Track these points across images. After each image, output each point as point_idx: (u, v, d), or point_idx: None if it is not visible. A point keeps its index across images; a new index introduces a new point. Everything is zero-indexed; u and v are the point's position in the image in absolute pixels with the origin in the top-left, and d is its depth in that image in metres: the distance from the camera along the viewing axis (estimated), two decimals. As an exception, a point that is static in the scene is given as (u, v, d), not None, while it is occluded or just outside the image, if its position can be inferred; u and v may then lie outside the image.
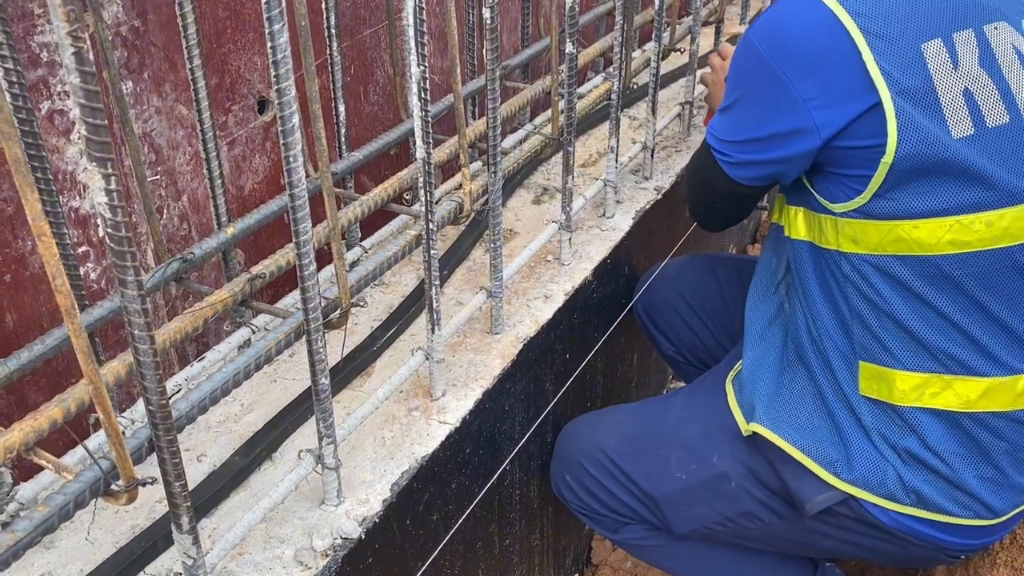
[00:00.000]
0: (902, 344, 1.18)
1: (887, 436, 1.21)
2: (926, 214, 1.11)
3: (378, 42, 1.65)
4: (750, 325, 1.39)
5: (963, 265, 1.12)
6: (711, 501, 1.36)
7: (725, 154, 1.28)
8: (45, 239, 0.68)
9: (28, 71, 1.05)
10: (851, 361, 1.23)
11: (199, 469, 1.16)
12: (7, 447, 0.86)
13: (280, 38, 0.83)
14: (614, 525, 1.49)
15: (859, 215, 1.15)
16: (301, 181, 0.90)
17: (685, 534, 1.40)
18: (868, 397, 1.22)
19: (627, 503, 1.43)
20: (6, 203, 1.08)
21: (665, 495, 1.39)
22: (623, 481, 1.43)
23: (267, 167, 1.48)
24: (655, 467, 1.40)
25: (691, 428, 1.41)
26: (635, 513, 1.44)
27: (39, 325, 1.16)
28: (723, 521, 1.36)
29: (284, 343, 1.08)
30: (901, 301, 1.16)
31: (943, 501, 1.20)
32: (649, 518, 1.43)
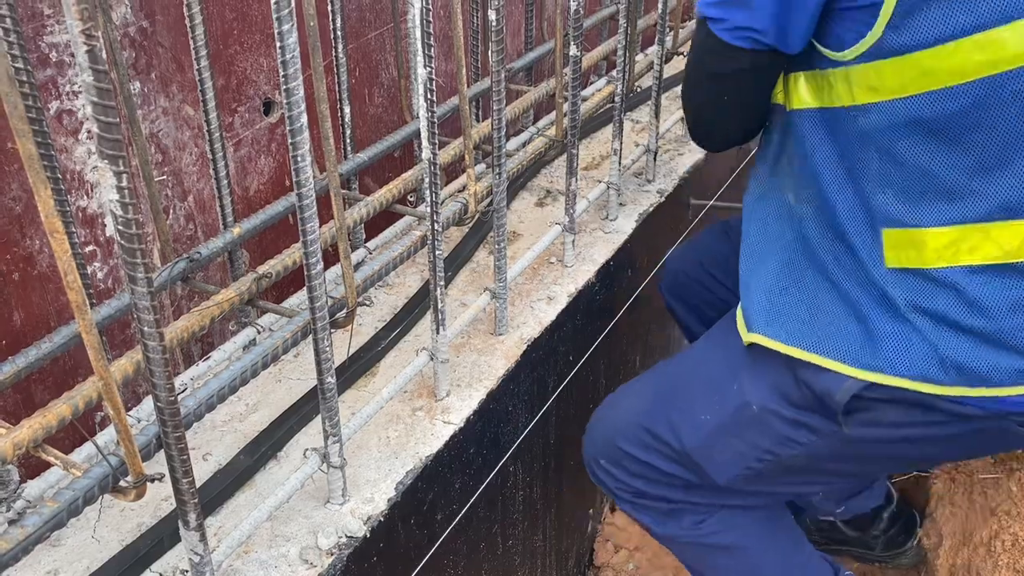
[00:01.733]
0: (932, 198, 1.07)
1: (919, 304, 1.10)
2: (949, 36, 0.98)
3: (383, 44, 1.66)
4: (745, 233, 1.30)
5: (998, 88, 0.99)
6: (742, 434, 1.26)
7: (721, 20, 1.13)
8: (58, 236, 0.69)
9: (38, 71, 1.05)
10: (873, 233, 1.12)
11: (205, 468, 1.17)
12: (16, 443, 0.87)
13: (289, 38, 0.83)
14: (661, 511, 1.40)
15: (873, 56, 1.04)
16: (309, 181, 0.91)
17: (729, 484, 1.31)
18: (896, 269, 1.11)
19: (666, 470, 1.34)
20: (15, 202, 1.08)
21: (696, 444, 1.30)
22: (657, 446, 1.34)
23: (272, 168, 1.49)
24: (683, 417, 1.32)
25: (710, 365, 1.33)
26: (677, 480, 1.35)
27: (46, 323, 1.17)
28: (761, 456, 1.26)
29: (291, 342, 1.09)
30: (930, 146, 1.05)
31: (988, 370, 1.08)
32: (691, 479, 1.34)
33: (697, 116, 1.30)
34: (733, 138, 1.32)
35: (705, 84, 1.24)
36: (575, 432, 1.73)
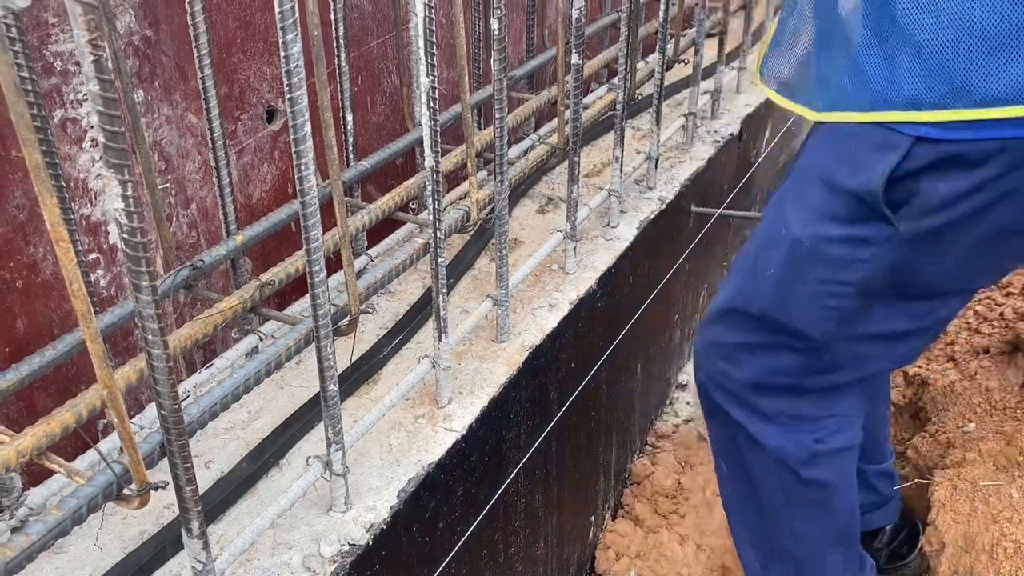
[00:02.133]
0: None
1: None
2: None
3: (385, 53, 1.66)
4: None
5: None
6: (804, 275, 1.23)
7: None
8: (63, 244, 0.69)
9: (42, 79, 1.06)
10: None
11: (207, 475, 1.17)
12: (20, 451, 0.87)
13: (293, 47, 0.84)
14: (783, 414, 1.37)
15: None
16: (313, 189, 0.91)
17: (824, 336, 1.26)
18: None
19: (764, 342, 1.31)
20: (18, 210, 1.09)
21: (769, 303, 1.28)
22: (747, 323, 1.32)
23: (275, 175, 1.49)
24: (753, 283, 1.30)
25: (766, 224, 1.31)
26: (781, 353, 1.31)
27: (49, 330, 1.17)
28: (833, 289, 1.21)
29: (294, 350, 1.09)
30: None
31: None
32: (788, 343, 1.30)
33: None
34: None
35: None
36: (576, 439, 1.73)
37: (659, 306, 2.07)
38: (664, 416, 2.34)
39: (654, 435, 2.26)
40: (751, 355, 1.35)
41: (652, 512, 2.05)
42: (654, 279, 1.99)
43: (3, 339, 1.11)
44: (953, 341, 2.03)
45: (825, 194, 1.18)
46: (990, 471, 1.65)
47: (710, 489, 2.11)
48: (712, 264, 2.52)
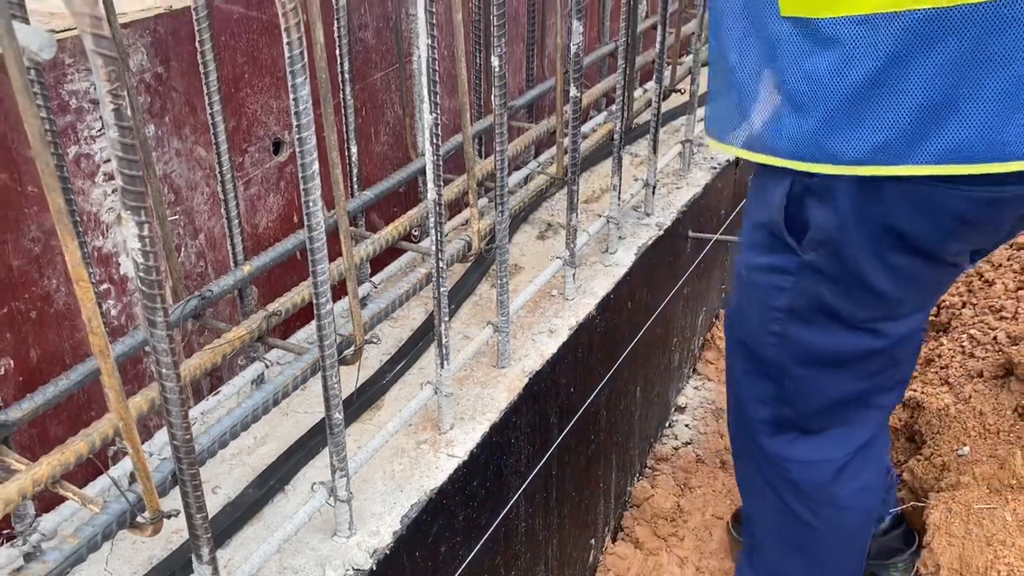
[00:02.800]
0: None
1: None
2: None
3: (388, 84, 1.70)
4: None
5: None
6: (750, 300, 1.39)
7: None
8: (83, 284, 0.72)
9: (58, 117, 1.09)
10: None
11: (214, 501, 1.20)
12: (36, 480, 0.90)
13: (303, 90, 0.87)
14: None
15: None
16: (320, 224, 0.94)
17: (777, 361, 1.39)
18: (789, 18, 1.12)
19: (751, 369, 1.44)
20: (33, 243, 1.12)
21: (739, 332, 1.43)
22: (738, 352, 1.47)
23: (281, 206, 1.53)
24: (729, 311, 1.46)
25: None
26: (758, 374, 1.44)
27: (61, 360, 1.20)
28: (773, 316, 1.35)
29: (300, 379, 1.12)
30: None
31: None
32: (764, 371, 1.43)
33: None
34: None
35: None
36: (576, 463, 1.75)
37: (658, 330, 2.10)
38: (663, 439, 2.37)
39: (653, 458, 2.29)
40: (747, 381, 1.44)
41: (652, 535, 2.07)
42: (652, 304, 2.02)
43: (18, 368, 1.14)
44: (948, 365, 2.06)
45: (750, 227, 1.34)
46: (984, 494, 1.67)
47: (709, 511, 2.13)
48: (710, 288, 2.55)
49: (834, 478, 1.48)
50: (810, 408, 1.44)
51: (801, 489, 1.50)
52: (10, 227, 1.09)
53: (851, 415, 1.44)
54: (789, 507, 1.51)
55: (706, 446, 2.33)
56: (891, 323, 1.33)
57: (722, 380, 2.55)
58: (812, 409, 1.44)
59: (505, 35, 1.22)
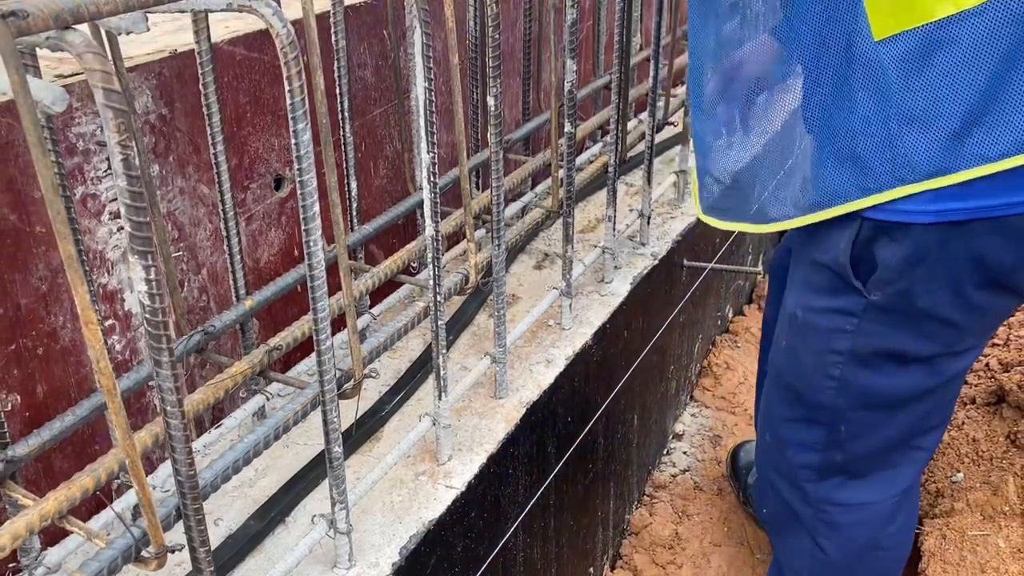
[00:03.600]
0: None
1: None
2: None
3: (387, 120, 1.74)
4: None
5: None
6: (805, 345, 1.33)
7: None
8: (92, 326, 0.75)
9: (66, 159, 1.13)
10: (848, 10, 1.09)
11: (216, 533, 1.21)
12: (43, 515, 0.92)
13: (304, 136, 0.91)
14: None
15: None
16: (321, 263, 0.97)
17: (834, 405, 1.34)
18: (886, 39, 1.07)
19: (797, 416, 1.40)
20: (41, 281, 1.15)
21: (786, 376, 1.39)
22: (785, 398, 1.42)
23: (282, 240, 1.56)
24: (777, 355, 1.42)
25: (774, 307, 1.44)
26: (808, 421, 1.40)
27: (67, 395, 1.22)
28: (832, 360, 1.30)
29: (301, 414, 1.14)
30: None
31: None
32: (816, 417, 1.38)
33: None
34: None
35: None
36: (574, 492, 1.77)
37: (654, 358, 2.12)
38: (661, 466, 2.38)
39: (652, 485, 2.30)
40: (793, 427, 1.43)
41: (650, 562, 2.08)
42: (649, 332, 2.05)
43: (24, 404, 1.16)
44: (941, 391, 2.08)
45: (808, 269, 1.30)
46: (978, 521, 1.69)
47: (707, 539, 2.14)
48: (706, 316, 2.58)
49: (878, 521, 1.46)
50: (861, 452, 1.41)
51: (842, 533, 1.47)
52: (19, 267, 1.12)
53: (898, 458, 1.43)
54: (825, 551, 1.49)
55: (704, 473, 2.35)
56: (951, 359, 1.31)
57: (719, 407, 2.57)
58: (863, 453, 1.41)
59: (500, 76, 1.26)
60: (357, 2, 1.60)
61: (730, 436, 2.46)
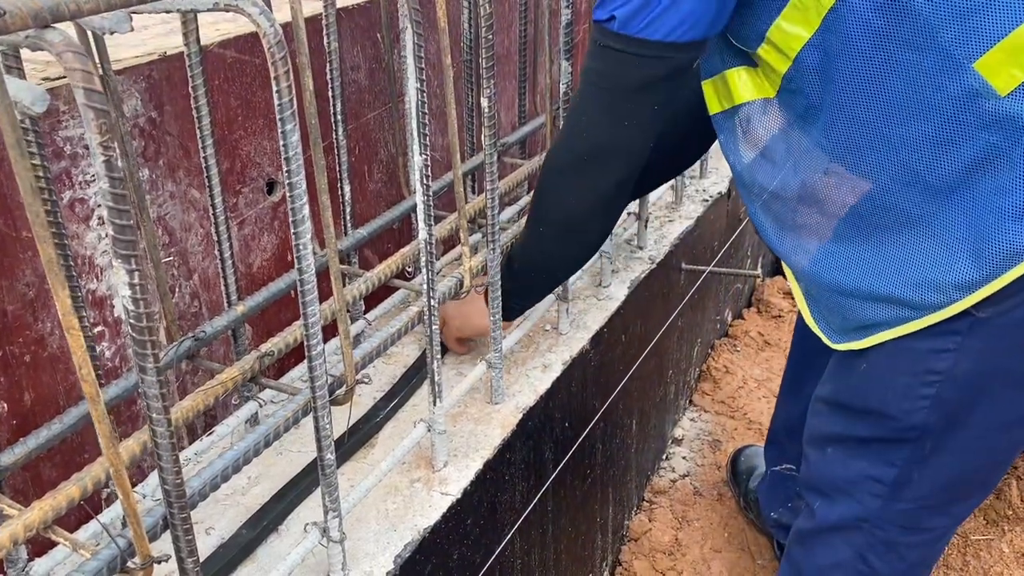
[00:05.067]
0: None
1: None
2: None
3: (382, 123, 1.72)
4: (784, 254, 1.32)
5: None
6: (895, 365, 1.24)
7: (642, 22, 1.12)
8: (74, 332, 0.73)
9: (53, 163, 1.11)
10: (955, 77, 1.06)
11: (208, 542, 1.19)
12: (27, 525, 0.90)
13: (292, 137, 0.89)
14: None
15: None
16: (311, 268, 0.95)
17: (924, 423, 1.25)
18: (1012, 93, 1.04)
19: (867, 437, 1.33)
20: (28, 287, 1.13)
21: (866, 397, 1.31)
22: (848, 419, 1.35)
23: (275, 244, 1.54)
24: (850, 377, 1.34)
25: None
26: (886, 441, 1.31)
27: (55, 402, 1.20)
28: (925, 379, 1.22)
29: (292, 420, 1.12)
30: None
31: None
32: (894, 436, 1.29)
33: (580, 174, 1.28)
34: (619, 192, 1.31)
35: (607, 110, 1.22)
36: (572, 498, 1.75)
37: (652, 362, 2.10)
38: (661, 471, 2.36)
39: (651, 491, 2.28)
40: (850, 454, 1.36)
41: (650, 568, 2.06)
42: (647, 336, 2.03)
43: (11, 412, 1.14)
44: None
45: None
46: (981, 525, 1.67)
47: (708, 544, 2.12)
48: (704, 319, 2.56)
49: (942, 541, 1.43)
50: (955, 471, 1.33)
51: (898, 552, 1.40)
52: (5, 272, 1.10)
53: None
54: (873, 567, 1.42)
55: (703, 478, 2.33)
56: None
57: (719, 412, 2.55)
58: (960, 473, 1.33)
59: (494, 77, 1.24)
60: (350, 4, 1.59)
61: (730, 441, 2.44)
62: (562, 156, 1.31)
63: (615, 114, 1.22)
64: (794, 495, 1.86)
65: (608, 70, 1.19)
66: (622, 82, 1.19)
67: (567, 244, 1.39)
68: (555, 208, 1.35)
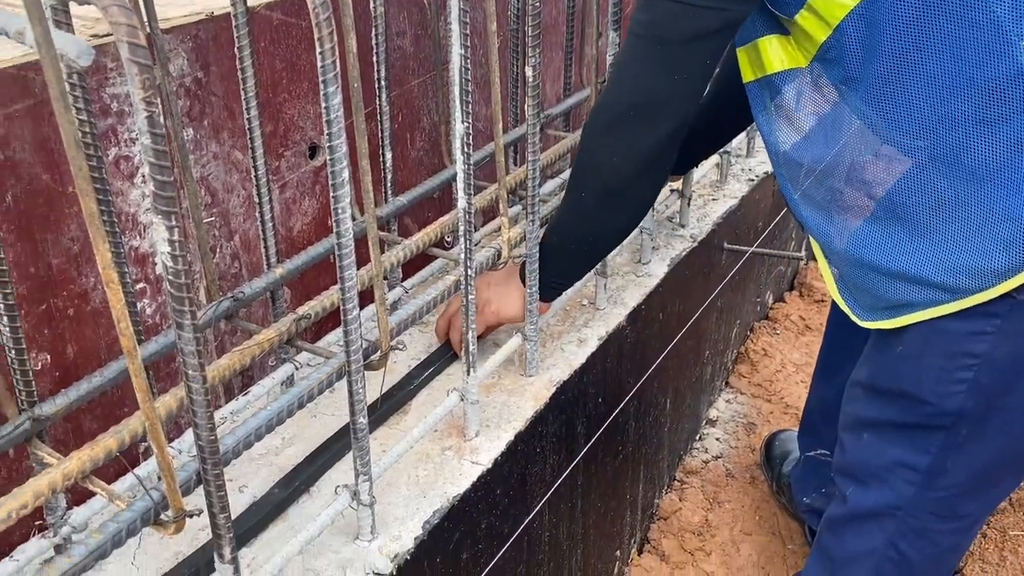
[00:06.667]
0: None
1: None
2: None
3: (425, 91, 1.72)
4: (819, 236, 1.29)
5: None
6: (931, 349, 1.22)
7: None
8: (113, 286, 0.74)
9: (99, 120, 1.12)
10: (1004, 54, 1.03)
11: (240, 500, 1.21)
12: (66, 474, 0.92)
13: (334, 99, 0.89)
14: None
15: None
16: (348, 231, 0.95)
17: (961, 410, 1.23)
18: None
19: (899, 422, 1.30)
20: (72, 242, 1.15)
21: (900, 379, 1.28)
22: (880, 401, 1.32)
23: (315, 209, 1.54)
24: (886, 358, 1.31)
25: None
26: (924, 427, 1.28)
27: (97, 356, 1.22)
28: (963, 362, 1.20)
29: (327, 383, 1.13)
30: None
31: None
32: (929, 422, 1.27)
33: (627, 124, 1.25)
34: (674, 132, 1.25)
35: (652, 72, 1.20)
36: (603, 474, 1.75)
37: (689, 342, 2.08)
38: (693, 452, 2.35)
39: (682, 471, 2.27)
40: (885, 441, 1.33)
41: (679, 548, 2.06)
42: (685, 315, 2.01)
43: (54, 363, 1.17)
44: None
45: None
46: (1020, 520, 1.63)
47: (738, 527, 2.11)
48: (745, 301, 2.53)
49: (974, 528, 1.40)
50: (985, 458, 1.31)
51: (930, 538, 1.37)
52: (51, 227, 1.12)
53: None
54: (904, 554, 1.39)
55: (736, 460, 2.31)
56: None
57: (755, 394, 2.52)
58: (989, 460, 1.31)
59: (539, 46, 1.23)
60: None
61: (765, 424, 2.42)
62: (607, 113, 1.27)
63: (665, 66, 1.19)
64: (827, 481, 1.83)
65: (660, 20, 1.17)
66: (674, 34, 1.16)
67: (610, 211, 1.36)
68: (599, 170, 1.31)
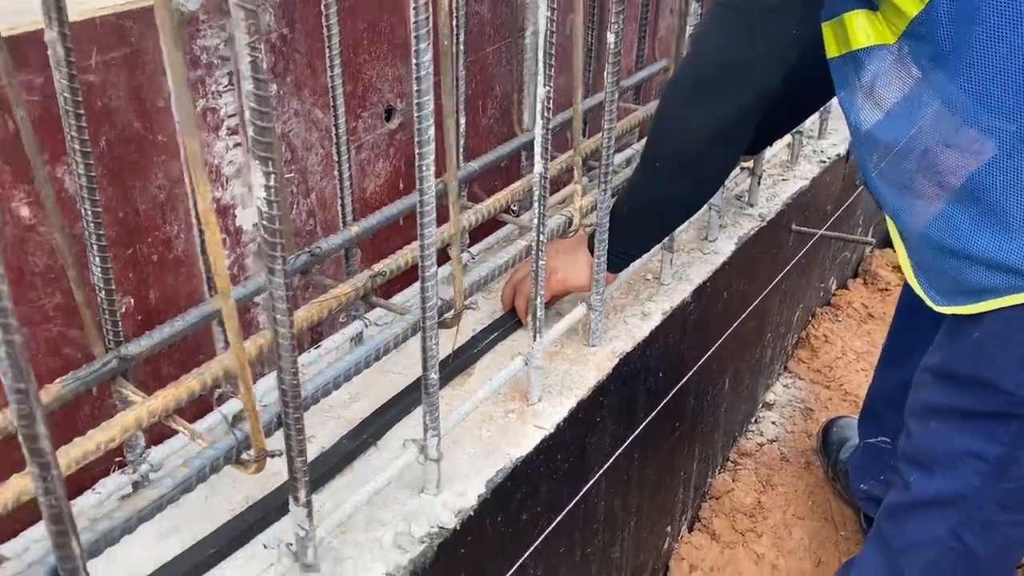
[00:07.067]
0: None
1: None
2: None
3: (499, 58, 1.72)
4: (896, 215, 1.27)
5: None
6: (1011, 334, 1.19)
7: None
8: (211, 227, 0.76)
9: (190, 71, 1.15)
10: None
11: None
12: (151, 411, 0.95)
13: (425, 56, 0.89)
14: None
15: None
16: (431, 188, 0.97)
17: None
18: None
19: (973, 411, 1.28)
20: (159, 190, 1.18)
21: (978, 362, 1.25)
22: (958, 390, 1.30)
23: (389, 172, 1.56)
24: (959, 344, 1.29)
25: None
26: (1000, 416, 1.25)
27: (176, 304, 1.26)
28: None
29: (401, 338, 1.15)
30: None
31: None
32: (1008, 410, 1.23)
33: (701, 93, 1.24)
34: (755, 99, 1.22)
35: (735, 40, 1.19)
36: (659, 449, 1.75)
37: (752, 323, 2.07)
38: (748, 434, 2.33)
39: (737, 452, 2.26)
40: (955, 428, 1.31)
41: (730, 528, 2.05)
42: (749, 296, 1.99)
43: (137, 307, 1.20)
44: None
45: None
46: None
47: (790, 510, 2.10)
48: (808, 285, 2.49)
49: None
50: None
51: (996, 529, 1.34)
52: (140, 173, 1.15)
53: None
54: (969, 545, 1.36)
55: (792, 445, 2.29)
56: None
57: (814, 380, 2.50)
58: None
59: (624, 12, 1.22)
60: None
61: (823, 410, 2.39)
62: (687, 82, 1.26)
63: (749, 35, 1.18)
64: (887, 468, 1.81)
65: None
66: (756, 3, 1.15)
67: (682, 182, 1.35)
68: (676, 139, 1.30)
